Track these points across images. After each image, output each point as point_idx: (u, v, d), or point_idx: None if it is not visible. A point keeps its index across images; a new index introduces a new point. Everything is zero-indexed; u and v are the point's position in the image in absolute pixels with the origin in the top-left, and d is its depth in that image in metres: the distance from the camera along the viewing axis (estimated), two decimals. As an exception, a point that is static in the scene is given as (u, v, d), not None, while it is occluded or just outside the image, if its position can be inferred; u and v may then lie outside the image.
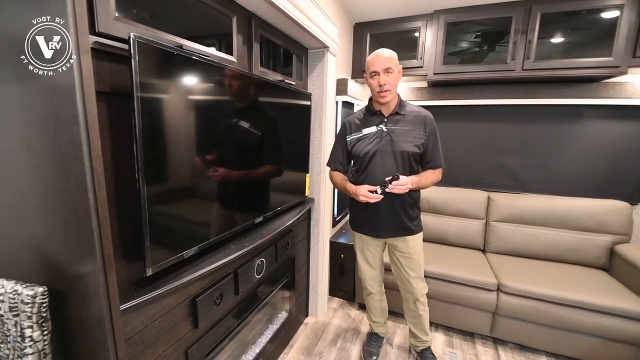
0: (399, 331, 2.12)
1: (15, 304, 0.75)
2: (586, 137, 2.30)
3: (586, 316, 1.72)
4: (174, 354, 1.04)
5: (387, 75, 1.43)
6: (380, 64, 1.42)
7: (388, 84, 1.43)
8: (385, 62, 1.42)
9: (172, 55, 0.89)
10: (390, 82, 1.43)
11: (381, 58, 1.43)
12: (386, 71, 1.42)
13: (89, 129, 0.65)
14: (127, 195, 0.87)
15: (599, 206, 2.14)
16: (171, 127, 0.92)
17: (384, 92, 1.44)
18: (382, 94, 1.45)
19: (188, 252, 1.03)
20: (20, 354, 0.77)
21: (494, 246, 2.33)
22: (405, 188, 1.43)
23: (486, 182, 2.61)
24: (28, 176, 0.73)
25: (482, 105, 2.52)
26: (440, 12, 2.26)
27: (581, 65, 2.00)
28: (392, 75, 1.44)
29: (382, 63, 1.42)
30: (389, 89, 1.44)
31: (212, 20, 1.22)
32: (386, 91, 1.44)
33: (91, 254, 0.71)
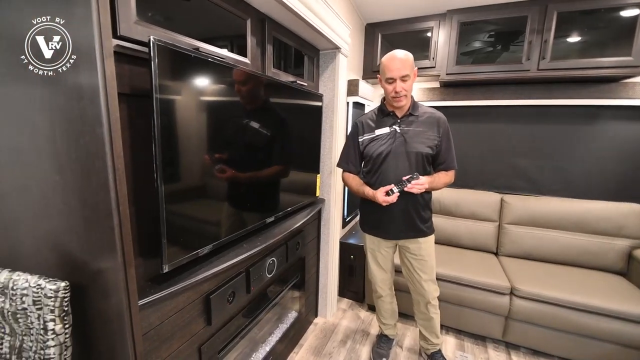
0: (409, 333, 2.10)
1: (38, 298, 0.78)
2: (603, 139, 2.25)
3: (602, 322, 1.68)
4: (188, 349, 1.06)
5: (404, 82, 1.42)
6: (398, 71, 1.40)
7: (404, 90, 1.43)
8: (402, 68, 1.40)
9: (189, 58, 0.91)
10: (407, 89, 1.43)
11: (398, 64, 1.40)
12: (402, 79, 1.42)
13: (111, 129, 0.67)
14: (143, 194, 0.89)
15: (616, 209, 2.09)
16: (188, 127, 0.94)
17: (399, 97, 1.45)
18: (398, 99, 1.46)
19: (203, 250, 1.05)
20: (43, 346, 0.80)
21: (507, 249, 2.29)
22: (423, 187, 1.43)
23: (499, 184, 2.57)
24: (51, 174, 0.76)
25: (495, 105, 2.49)
26: (454, 12, 2.24)
27: (599, 65, 1.96)
28: (409, 81, 1.43)
29: (399, 70, 1.40)
30: (404, 95, 1.44)
31: (227, 22, 1.24)
32: (402, 96, 1.44)
33: (111, 251, 0.73)
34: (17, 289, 0.79)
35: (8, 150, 0.79)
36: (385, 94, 1.52)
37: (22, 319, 0.81)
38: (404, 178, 1.44)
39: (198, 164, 1.02)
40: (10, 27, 0.71)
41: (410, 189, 1.43)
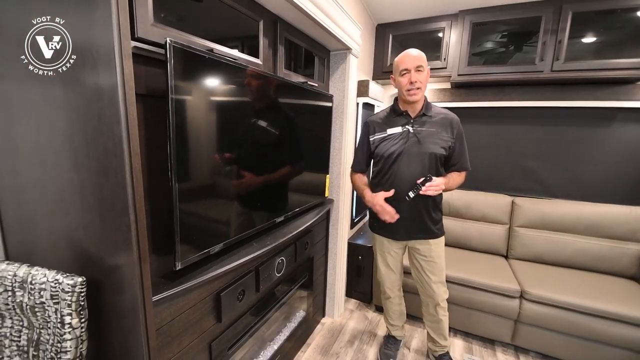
0: (416, 335, 2.09)
1: (56, 293, 0.80)
2: (618, 141, 2.20)
3: (614, 327, 1.65)
4: (198, 345, 1.08)
5: (419, 74, 1.43)
6: (412, 62, 1.42)
7: (419, 82, 1.42)
8: (416, 60, 1.42)
9: (203, 59, 0.93)
10: (421, 80, 1.43)
11: (411, 57, 1.43)
12: (417, 69, 1.42)
13: (129, 129, 0.69)
14: (157, 192, 0.91)
15: (630, 213, 2.04)
16: (201, 127, 0.96)
17: (414, 89, 1.44)
18: (413, 92, 1.45)
19: (214, 248, 1.06)
20: (59, 339, 0.82)
21: (518, 252, 2.26)
22: (440, 189, 1.42)
23: (510, 186, 2.54)
24: (70, 173, 0.78)
25: (507, 107, 2.46)
26: (466, 12, 2.22)
27: (615, 67, 1.92)
28: (423, 73, 1.43)
29: (413, 61, 1.42)
30: (419, 87, 1.44)
31: (240, 24, 1.25)
32: (417, 89, 1.44)
33: (127, 247, 0.75)
34: (35, 283, 0.81)
35: (26, 148, 0.81)
36: (399, 90, 1.51)
37: (40, 313, 0.83)
38: (417, 181, 1.42)
39: (210, 164, 1.03)
40: (13, 27, 0.72)
41: (425, 192, 1.40)
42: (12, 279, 0.82)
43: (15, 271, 0.82)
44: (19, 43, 0.71)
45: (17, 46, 0.71)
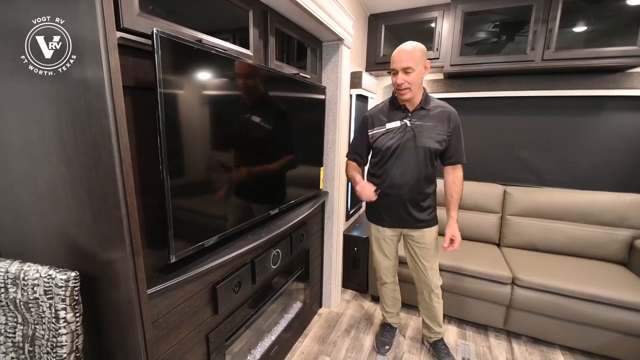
0: (411, 323, 2.13)
1: (49, 288, 0.80)
2: (608, 130, 2.23)
3: (603, 310, 1.70)
4: (195, 337, 1.08)
5: (407, 75, 1.40)
6: (400, 63, 1.40)
7: (406, 83, 1.41)
8: (405, 60, 1.38)
9: (192, 50, 0.92)
10: (410, 81, 1.40)
11: (402, 55, 1.39)
12: (404, 70, 1.40)
13: (117, 122, 0.68)
14: (149, 185, 0.91)
15: (620, 200, 2.08)
16: (192, 119, 0.95)
17: (402, 90, 1.44)
18: (401, 92, 1.45)
19: (208, 241, 1.06)
20: (55, 334, 0.82)
21: (510, 240, 2.30)
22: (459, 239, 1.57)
23: (503, 176, 2.56)
24: (59, 167, 0.77)
25: (499, 97, 2.47)
26: (458, 2, 2.21)
27: (604, 55, 1.93)
28: (412, 74, 1.40)
29: (401, 62, 1.39)
30: (407, 88, 1.42)
31: (229, 14, 1.23)
32: (405, 89, 1.43)
33: (120, 241, 0.75)
34: (28, 279, 0.81)
35: (16, 144, 0.80)
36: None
37: (34, 309, 0.83)
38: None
39: (202, 156, 1.02)
40: (11, 27, 0.71)
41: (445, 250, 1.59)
42: (4, 276, 0.81)
43: (7, 268, 0.82)
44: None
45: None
